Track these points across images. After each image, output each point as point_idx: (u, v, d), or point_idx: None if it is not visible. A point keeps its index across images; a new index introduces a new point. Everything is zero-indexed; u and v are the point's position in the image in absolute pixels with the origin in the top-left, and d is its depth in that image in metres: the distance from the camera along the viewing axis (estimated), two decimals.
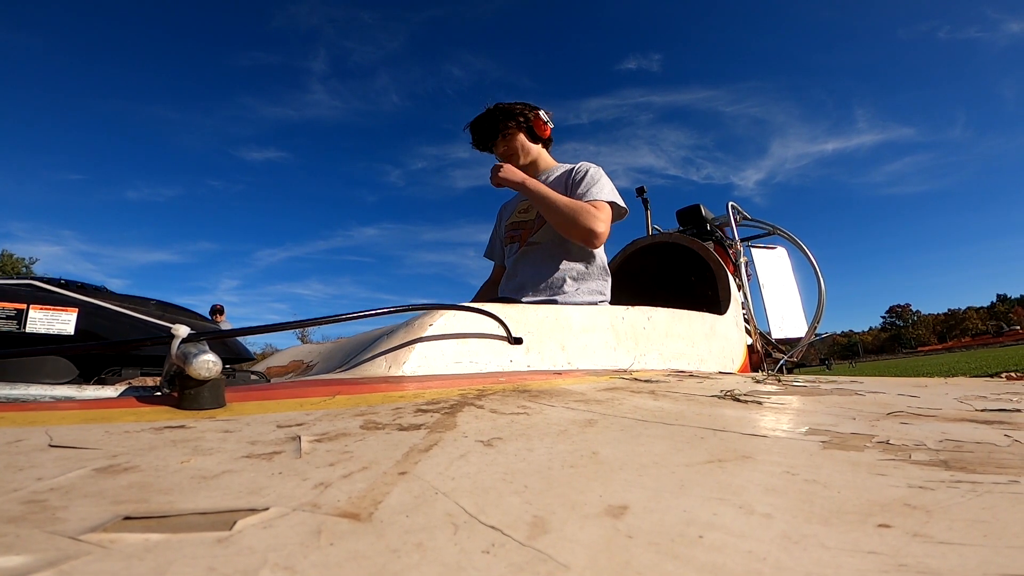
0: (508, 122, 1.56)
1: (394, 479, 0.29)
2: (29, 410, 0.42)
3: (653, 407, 0.55)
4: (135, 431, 0.37)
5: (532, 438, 0.39)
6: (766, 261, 2.68)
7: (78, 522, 0.21)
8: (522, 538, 0.22)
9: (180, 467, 0.29)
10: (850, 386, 0.79)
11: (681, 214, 2.74)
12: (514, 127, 1.56)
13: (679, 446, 0.38)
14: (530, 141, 1.58)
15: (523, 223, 1.57)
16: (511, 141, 1.56)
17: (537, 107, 1.60)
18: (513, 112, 1.56)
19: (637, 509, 0.25)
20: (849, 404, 0.59)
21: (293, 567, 0.19)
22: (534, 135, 1.58)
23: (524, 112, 1.57)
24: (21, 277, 0.71)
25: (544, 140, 1.62)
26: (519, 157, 1.57)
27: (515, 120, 1.55)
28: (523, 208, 1.59)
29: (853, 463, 0.34)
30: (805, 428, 0.46)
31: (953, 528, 0.23)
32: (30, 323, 0.64)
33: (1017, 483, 0.29)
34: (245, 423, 0.41)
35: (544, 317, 0.99)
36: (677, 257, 2.31)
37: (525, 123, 1.56)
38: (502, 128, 1.56)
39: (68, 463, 0.29)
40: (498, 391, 0.61)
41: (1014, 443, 0.39)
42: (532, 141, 1.59)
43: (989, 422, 0.47)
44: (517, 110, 1.57)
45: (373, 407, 0.49)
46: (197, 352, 0.44)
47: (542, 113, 1.58)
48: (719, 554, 0.21)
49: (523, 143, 1.57)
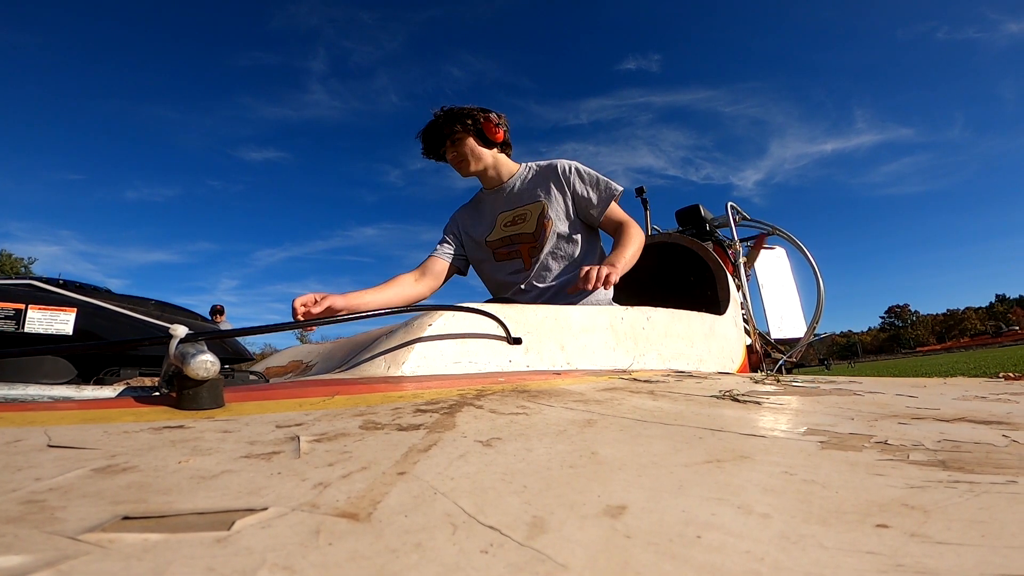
0: (455, 126, 1.47)
1: (393, 479, 0.29)
2: (28, 410, 0.42)
3: (652, 407, 0.55)
4: (134, 431, 0.37)
5: (531, 438, 0.39)
6: (765, 261, 2.69)
7: (77, 522, 0.21)
8: (521, 538, 0.22)
9: (179, 467, 0.29)
10: (849, 386, 0.79)
11: (680, 214, 2.75)
12: (462, 131, 1.48)
13: (678, 446, 0.38)
14: (481, 146, 1.50)
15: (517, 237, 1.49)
16: (460, 146, 1.48)
17: (488, 110, 1.51)
18: (460, 115, 1.48)
19: (636, 509, 0.25)
20: (848, 404, 0.59)
21: (292, 567, 0.19)
22: (485, 139, 1.50)
23: (473, 115, 1.48)
24: (20, 277, 0.71)
25: (499, 144, 1.54)
26: (469, 162, 1.50)
27: (462, 123, 1.47)
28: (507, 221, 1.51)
29: (851, 463, 0.34)
30: (804, 428, 0.46)
31: (951, 528, 0.23)
32: (29, 323, 0.64)
33: (1015, 483, 0.29)
34: (244, 423, 0.41)
35: (543, 317, 0.99)
36: (676, 257, 2.31)
37: (474, 126, 1.48)
38: (448, 132, 1.48)
39: (67, 463, 0.29)
40: (497, 391, 0.61)
41: (1012, 443, 0.39)
42: (484, 146, 1.50)
43: (987, 422, 0.47)
44: (464, 113, 1.48)
45: (372, 407, 0.49)
46: (195, 352, 0.44)
47: (493, 116, 1.50)
48: (717, 554, 0.21)
49: (473, 148, 1.49)
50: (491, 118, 1.49)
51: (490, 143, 1.51)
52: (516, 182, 1.54)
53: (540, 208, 1.48)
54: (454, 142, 1.48)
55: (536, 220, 1.47)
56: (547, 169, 1.53)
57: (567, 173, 1.49)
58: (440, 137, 1.49)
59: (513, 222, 1.50)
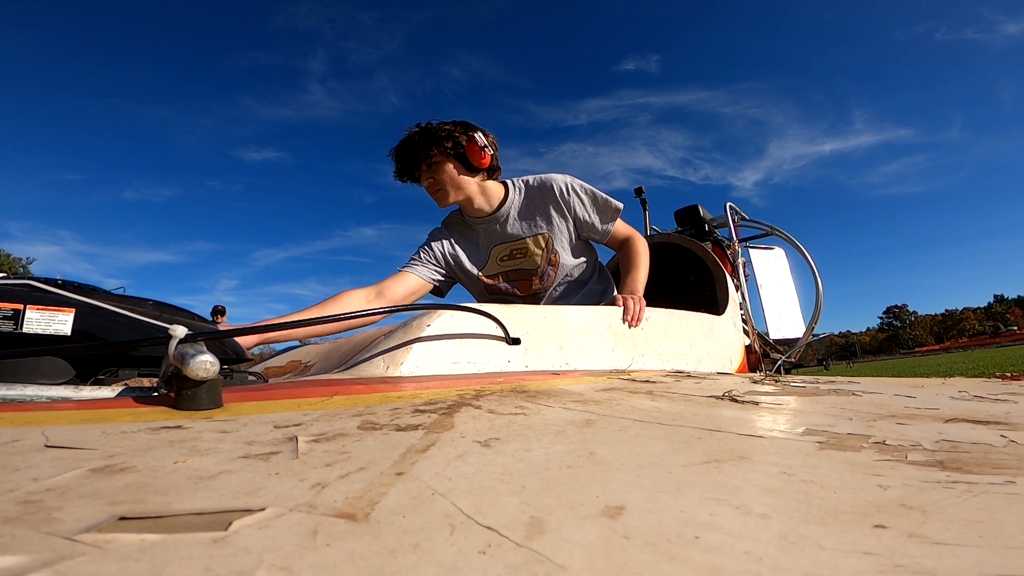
0: (430, 149, 1.23)
1: (391, 480, 0.29)
2: (25, 410, 0.42)
3: (651, 407, 0.55)
4: (132, 431, 0.37)
5: (530, 438, 0.39)
6: (764, 262, 2.69)
7: (74, 522, 0.21)
8: (519, 539, 0.22)
9: (176, 467, 0.29)
10: (847, 386, 0.79)
11: (679, 215, 2.75)
12: (439, 156, 1.24)
13: (676, 446, 0.38)
14: (464, 173, 1.25)
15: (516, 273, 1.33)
16: (437, 172, 1.25)
17: (474, 128, 1.25)
18: (439, 137, 1.23)
19: (634, 510, 0.25)
20: (846, 404, 0.59)
21: (289, 567, 0.19)
22: (469, 165, 1.25)
23: (453, 135, 1.23)
24: (18, 277, 0.70)
25: (485, 170, 1.28)
26: (448, 192, 1.26)
27: (441, 147, 1.23)
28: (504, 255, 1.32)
29: (850, 463, 0.34)
30: (802, 428, 0.46)
31: (949, 528, 0.23)
32: (27, 323, 0.64)
33: (1013, 483, 0.29)
34: (242, 423, 0.41)
35: (542, 318, 0.99)
36: (675, 258, 2.31)
37: (454, 150, 1.23)
38: (423, 156, 1.25)
39: (64, 463, 0.29)
40: (496, 391, 0.61)
41: (1010, 443, 0.39)
42: (467, 172, 1.26)
43: (985, 422, 0.47)
44: (444, 133, 1.23)
45: (371, 407, 0.49)
46: (194, 352, 0.44)
47: (479, 136, 1.24)
48: (716, 555, 0.21)
49: (453, 176, 1.24)
50: (476, 139, 1.23)
51: (474, 169, 1.26)
52: (510, 210, 1.32)
53: (545, 241, 1.31)
54: (430, 166, 1.26)
55: (542, 256, 1.31)
56: (542, 191, 1.31)
57: (566, 195, 1.30)
58: (414, 160, 1.27)
59: (511, 256, 1.33)
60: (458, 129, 1.24)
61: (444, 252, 1.38)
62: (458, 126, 1.25)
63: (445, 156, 1.24)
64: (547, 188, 1.31)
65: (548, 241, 1.31)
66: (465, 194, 1.28)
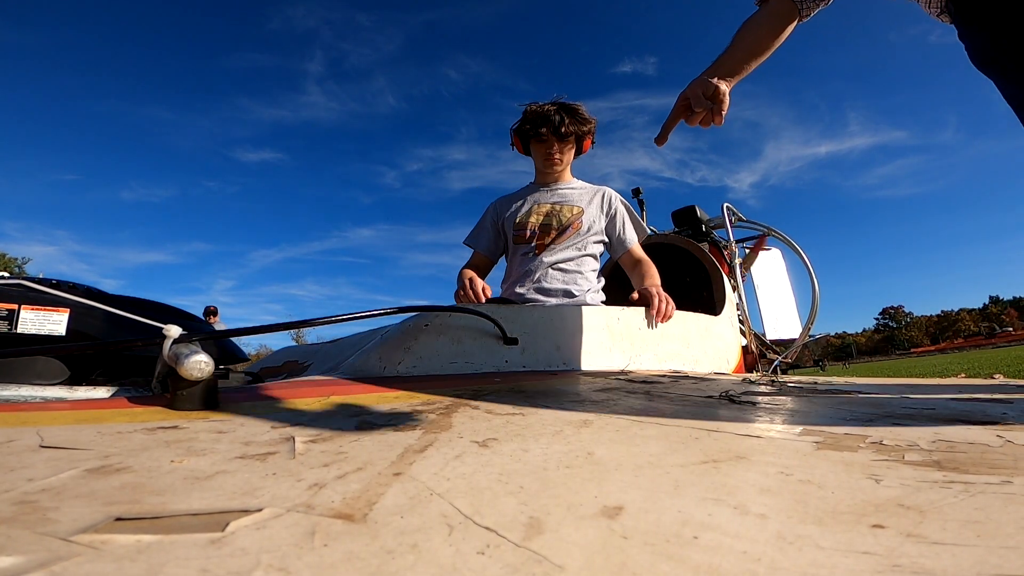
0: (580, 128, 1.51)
1: (389, 480, 0.28)
2: (20, 411, 0.42)
3: (648, 408, 0.55)
4: (127, 432, 0.36)
5: (527, 439, 0.39)
6: (761, 263, 2.70)
7: (70, 523, 0.21)
8: (517, 539, 0.22)
9: (173, 468, 0.29)
10: (844, 387, 0.79)
11: (677, 215, 2.75)
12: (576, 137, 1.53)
13: (674, 447, 0.38)
14: (574, 155, 1.59)
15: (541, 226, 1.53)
16: (567, 151, 1.54)
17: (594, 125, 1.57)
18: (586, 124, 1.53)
19: (632, 510, 0.25)
20: (843, 405, 0.59)
21: (287, 568, 0.18)
22: (579, 152, 1.59)
23: (591, 129, 1.55)
24: (13, 277, 0.70)
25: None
26: (563, 164, 1.55)
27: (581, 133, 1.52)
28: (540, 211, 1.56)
29: (847, 463, 0.34)
30: (799, 429, 0.46)
31: (946, 528, 0.23)
32: (21, 323, 0.64)
33: (1010, 483, 0.29)
34: (239, 424, 0.41)
35: (539, 318, 0.99)
36: (673, 258, 2.32)
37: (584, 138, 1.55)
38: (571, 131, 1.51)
39: (60, 464, 0.29)
40: (493, 392, 0.61)
41: (1006, 444, 0.39)
42: (575, 154, 1.59)
43: (982, 423, 0.48)
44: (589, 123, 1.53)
45: (368, 408, 0.49)
46: (189, 353, 0.44)
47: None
48: (714, 555, 0.21)
49: (570, 156, 1.56)
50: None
51: (577, 155, 1.59)
52: (567, 186, 1.60)
53: (577, 211, 1.53)
54: (564, 140, 1.51)
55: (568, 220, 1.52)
56: (596, 189, 1.60)
57: (613, 201, 1.57)
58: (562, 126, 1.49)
59: (548, 213, 1.55)
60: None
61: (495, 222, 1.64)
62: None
63: (579, 140, 1.55)
64: (602, 190, 1.60)
65: (581, 212, 1.54)
66: (565, 168, 1.58)
